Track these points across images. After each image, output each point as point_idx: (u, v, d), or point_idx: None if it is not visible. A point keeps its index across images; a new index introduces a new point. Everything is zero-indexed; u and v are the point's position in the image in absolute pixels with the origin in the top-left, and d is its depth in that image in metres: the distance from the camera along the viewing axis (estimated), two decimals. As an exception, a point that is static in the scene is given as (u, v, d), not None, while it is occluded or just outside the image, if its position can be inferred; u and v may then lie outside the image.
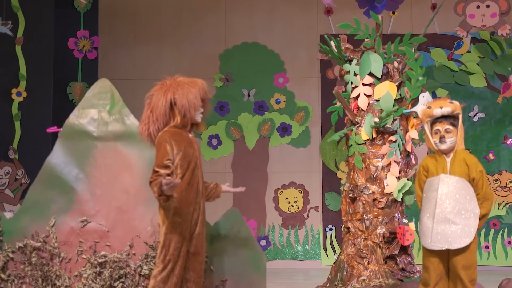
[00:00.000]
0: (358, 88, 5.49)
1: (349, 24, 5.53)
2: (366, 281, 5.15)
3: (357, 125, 5.51)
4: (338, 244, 9.02)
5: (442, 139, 4.20)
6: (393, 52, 5.47)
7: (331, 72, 9.28)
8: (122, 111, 4.81)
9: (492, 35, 8.95)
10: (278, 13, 9.47)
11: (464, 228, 4.11)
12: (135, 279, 4.63)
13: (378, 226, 5.39)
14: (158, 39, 9.42)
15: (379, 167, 5.41)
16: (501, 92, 9.04)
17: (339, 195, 9.08)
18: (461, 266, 4.14)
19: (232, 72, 9.44)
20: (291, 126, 9.29)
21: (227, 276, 4.69)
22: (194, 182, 4.07)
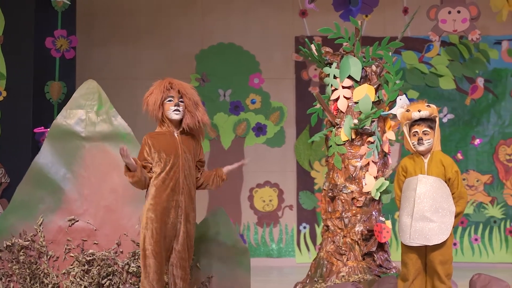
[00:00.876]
0: (338, 90, 5.66)
1: (329, 28, 5.70)
2: (346, 277, 5.33)
3: (336, 127, 5.68)
4: (312, 242, 9.22)
5: (420, 141, 4.41)
6: (371, 56, 5.65)
7: (305, 73, 9.45)
8: (109, 112, 4.91)
9: (461, 38, 9.24)
10: (254, 14, 9.59)
11: (441, 226, 4.32)
12: (123, 276, 4.73)
13: (357, 224, 5.57)
14: (135, 39, 9.46)
15: (357, 167, 5.59)
16: (469, 94, 9.33)
17: (313, 194, 9.27)
18: (438, 262, 4.35)
19: (208, 72, 9.54)
20: (266, 126, 9.43)
21: (213, 273, 4.83)
22: (170, 180, 4.19)
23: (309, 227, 9.26)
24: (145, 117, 5.88)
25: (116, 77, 9.23)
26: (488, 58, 9.33)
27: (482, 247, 9.16)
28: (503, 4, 8.41)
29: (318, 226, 9.26)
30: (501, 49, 9.35)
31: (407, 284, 4.43)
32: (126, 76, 9.22)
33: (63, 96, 7.95)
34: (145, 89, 9.57)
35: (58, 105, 7.90)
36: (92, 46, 9.22)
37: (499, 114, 9.36)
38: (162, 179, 4.17)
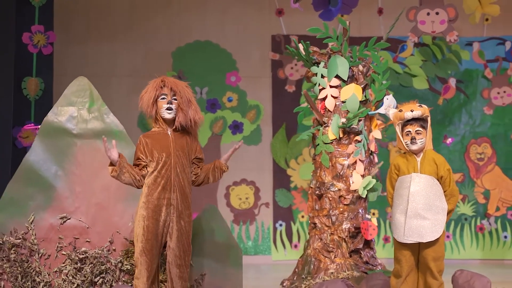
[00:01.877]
0: (326, 89, 5.74)
1: (318, 28, 5.77)
2: (335, 274, 5.42)
3: (324, 125, 5.76)
4: (288, 240, 9.29)
5: (413, 140, 4.50)
6: (358, 56, 5.74)
7: (282, 72, 9.51)
8: (101, 109, 4.88)
9: (433, 39, 9.44)
10: (231, 12, 9.61)
11: (434, 223, 4.44)
12: (116, 274, 4.72)
13: (344, 221, 5.66)
14: (112, 36, 9.38)
15: (345, 165, 5.68)
16: (441, 94, 9.52)
17: (289, 192, 9.35)
18: (431, 258, 4.46)
19: (185, 70, 9.52)
20: (243, 124, 9.47)
21: (205, 270, 4.85)
22: (162, 178, 4.21)
23: (285, 224, 9.33)
24: (121, 114, 5.87)
25: (93, 74, 8.96)
26: (460, 59, 9.54)
27: (453, 244, 9.37)
28: (476, 6, 8.62)
29: (294, 223, 9.34)
30: (472, 50, 9.58)
31: (400, 280, 4.53)
32: (103, 73, 9.13)
33: (40, 92, 7.84)
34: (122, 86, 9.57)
35: (35, 102, 7.79)
36: (70, 42, 9.11)
37: (470, 114, 9.59)
38: (154, 178, 4.19)
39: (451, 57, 9.53)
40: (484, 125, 9.55)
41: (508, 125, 9.54)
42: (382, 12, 9.49)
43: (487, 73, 9.54)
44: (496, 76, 9.55)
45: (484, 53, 9.58)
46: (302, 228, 9.34)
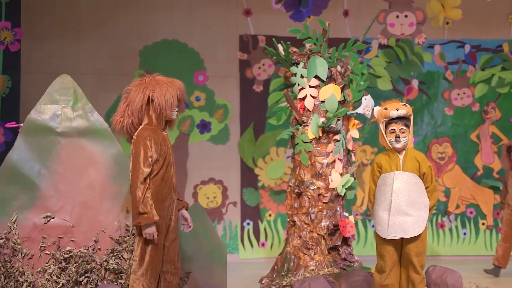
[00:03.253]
0: (305, 89, 5.83)
1: (298, 29, 5.85)
2: (315, 271, 5.51)
3: (303, 125, 5.84)
4: (255, 238, 9.36)
5: (397, 138, 4.63)
6: (337, 57, 5.85)
7: (250, 72, 9.57)
8: (85, 107, 4.84)
9: (397, 41, 9.66)
10: (199, 11, 9.61)
11: (417, 219, 4.57)
12: (101, 273, 4.68)
13: (323, 219, 5.76)
14: (79, 33, 9.26)
15: (324, 164, 5.78)
16: (404, 95, 9.76)
17: (256, 190, 9.42)
18: (414, 253, 4.60)
19: (152, 68, 9.43)
20: (211, 123, 9.49)
21: (191, 268, 4.86)
22: (167, 178, 4.24)
23: (253, 223, 9.41)
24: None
25: (60, 71, 8.84)
26: (422, 61, 9.81)
27: (416, 241, 9.60)
28: (439, 9, 8.86)
29: (262, 222, 9.42)
30: (434, 52, 9.86)
31: (384, 275, 4.65)
32: (70, 70, 8.84)
33: (7, 90, 7.71)
34: (88, 84, 9.40)
35: (2, 99, 7.65)
36: (37, 39, 8.96)
37: (432, 115, 9.86)
38: (161, 177, 4.19)
39: (413, 59, 9.78)
40: (445, 126, 9.83)
41: (467, 126, 9.86)
42: (348, 14, 9.67)
43: (448, 75, 9.84)
44: (456, 78, 9.85)
45: (445, 55, 9.87)
46: (270, 227, 9.43)
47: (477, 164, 9.78)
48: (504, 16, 9.90)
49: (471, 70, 9.83)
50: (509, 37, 9.86)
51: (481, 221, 9.70)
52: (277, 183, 9.39)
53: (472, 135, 9.84)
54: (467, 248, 9.67)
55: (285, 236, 9.26)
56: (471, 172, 9.77)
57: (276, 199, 9.41)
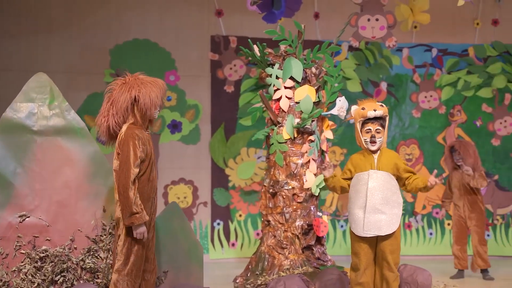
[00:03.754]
0: (280, 90, 5.88)
1: (274, 30, 5.90)
2: (290, 270, 5.56)
3: (278, 125, 5.89)
4: (225, 238, 9.39)
5: (373, 138, 4.70)
6: (311, 59, 5.92)
7: (221, 72, 9.59)
8: (62, 106, 4.81)
9: (367, 44, 9.80)
10: (170, 11, 9.59)
11: (392, 217, 4.65)
12: (77, 272, 4.66)
13: (297, 219, 5.82)
14: (47, 31, 9.13)
15: (299, 164, 5.84)
16: (373, 97, 9.89)
17: (227, 191, 9.44)
18: (388, 251, 4.68)
19: (123, 68, 9.35)
20: (182, 123, 9.47)
21: (168, 267, 4.86)
22: (152, 178, 4.26)
23: (223, 223, 9.43)
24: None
25: (26, 69, 8.85)
26: (391, 64, 9.96)
27: (384, 241, 9.74)
28: (408, 14, 9.03)
29: (232, 222, 9.45)
30: (402, 55, 10.03)
31: (359, 273, 4.72)
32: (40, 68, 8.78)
33: (-31, 87, 7.57)
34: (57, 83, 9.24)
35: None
36: (6, 36, 8.82)
37: (400, 117, 10.02)
38: (147, 177, 4.22)
39: (382, 61, 9.93)
40: (412, 128, 10.00)
41: (434, 128, 10.04)
42: (319, 17, 9.78)
43: (416, 78, 10.01)
44: (424, 81, 10.03)
45: (413, 58, 10.05)
46: (240, 227, 9.46)
47: (443, 165, 9.95)
48: (469, 21, 10.12)
49: (438, 74, 10.02)
50: (474, 41, 10.08)
51: (447, 221, 9.89)
52: (248, 183, 9.44)
53: (438, 137, 10.03)
54: (433, 248, 9.86)
55: (255, 236, 9.32)
56: (438, 173, 9.91)
57: (247, 199, 9.45)
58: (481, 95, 9.98)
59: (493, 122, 9.99)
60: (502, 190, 9.95)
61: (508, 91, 9.95)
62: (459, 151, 7.51)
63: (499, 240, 9.84)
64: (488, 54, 9.99)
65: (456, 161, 7.58)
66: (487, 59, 10.00)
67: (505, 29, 10.05)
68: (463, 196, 7.54)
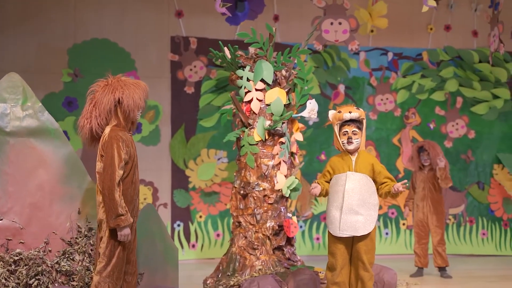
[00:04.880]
0: (251, 93, 5.92)
1: (246, 33, 5.94)
2: (263, 270, 5.61)
3: (249, 127, 5.93)
4: (186, 239, 9.37)
5: (349, 139, 4.81)
6: (282, 62, 5.98)
7: (181, 73, 9.56)
8: (35, 107, 4.73)
9: (324, 47, 9.94)
10: (130, 11, 9.50)
11: (367, 218, 4.76)
12: (52, 275, 4.59)
13: (268, 220, 5.87)
14: (1, 30, 8.91)
15: (269, 166, 5.89)
16: (331, 99, 10.05)
17: (187, 192, 9.42)
18: (363, 251, 4.79)
19: (81, 68, 9.27)
20: (141, 124, 9.39)
21: (144, 269, 4.84)
22: (135, 180, 4.25)
23: (183, 224, 9.40)
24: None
25: None
26: (348, 67, 10.14)
27: (341, 241, 9.90)
28: (367, 18, 9.23)
29: (192, 224, 9.44)
30: (359, 59, 10.22)
31: (335, 273, 4.80)
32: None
33: None
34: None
35: None
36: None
37: (357, 119, 10.18)
38: (130, 179, 4.20)
39: (340, 64, 10.10)
40: (369, 129, 10.19)
41: (390, 130, 10.27)
42: (278, 19, 9.87)
43: (372, 81, 10.22)
44: (380, 84, 10.25)
45: (370, 62, 10.26)
46: (200, 228, 9.46)
47: (398, 167, 10.21)
48: (424, 26, 10.40)
49: (393, 77, 10.26)
50: (428, 46, 10.37)
51: (402, 221, 10.14)
52: (208, 184, 9.44)
53: (394, 139, 10.27)
54: (389, 247, 10.08)
55: (215, 237, 9.33)
56: (393, 174, 10.12)
57: (207, 200, 9.46)
58: (435, 98, 10.28)
59: (446, 124, 10.30)
60: (454, 190, 10.26)
61: (460, 95, 10.28)
62: (428, 151, 7.72)
63: (451, 239, 10.14)
64: (441, 59, 10.30)
65: (423, 161, 7.78)
66: (440, 63, 10.30)
67: (457, 35, 10.38)
68: (427, 196, 7.74)
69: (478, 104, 10.31)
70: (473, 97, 10.29)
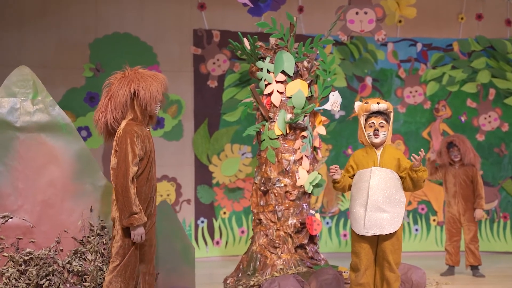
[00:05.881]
0: (272, 85, 5.70)
1: (266, 23, 5.72)
2: (284, 270, 5.39)
3: (270, 121, 5.71)
4: (210, 236, 9.20)
5: (376, 131, 4.55)
6: (303, 52, 5.75)
7: (204, 67, 9.39)
8: (46, 101, 4.58)
9: (351, 39, 9.66)
10: (151, 4, 9.35)
11: (393, 215, 4.50)
12: (64, 276, 4.44)
13: (289, 217, 5.65)
14: (21, 23, 8.81)
15: (291, 161, 5.67)
16: (358, 92, 9.78)
17: (211, 188, 9.25)
18: (389, 251, 4.53)
19: (103, 62, 9.16)
20: (164, 119, 9.25)
21: (159, 269, 4.67)
22: (151, 177, 4.12)
23: (207, 221, 9.24)
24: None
25: (1, 64, 8.56)
26: (376, 59, 9.85)
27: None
28: (395, 7, 8.92)
29: (216, 220, 9.27)
30: (387, 50, 9.92)
31: (359, 273, 4.56)
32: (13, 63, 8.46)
33: None
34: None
35: None
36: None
37: (385, 112, 9.89)
38: (146, 176, 4.06)
39: (367, 56, 9.81)
40: (397, 123, 9.90)
41: (419, 123, 9.97)
42: (303, 10, 9.62)
43: (401, 72, 9.92)
44: (409, 75, 9.95)
45: (398, 53, 9.95)
46: (224, 225, 9.28)
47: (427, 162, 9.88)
48: (454, 15, 10.06)
49: (422, 68, 9.94)
50: (458, 36, 10.02)
51: (432, 217, 9.84)
52: (232, 180, 9.26)
53: (423, 132, 9.96)
54: (419, 244, 9.79)
55: (240, 234, 9.14)
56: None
57: (231, 196, 9.28)
58: (466, 90, 9.94)
59: (478, 117, 9.96)
60: (487, 185, 9.89)
61: (492, 86, 9.92)
62: (459, 147, 7.42)
63: (484, 236, 9.81)
64: (473, 49, 9.95)
65: (453, 157, 7.49)
66: (471, 54, 9.95)
67: (489, 24, 10.02)
68: (458, 193, 7.45)
69: (512, 96, 9.94)
70: (506, 88, 9.91)
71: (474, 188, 7.37)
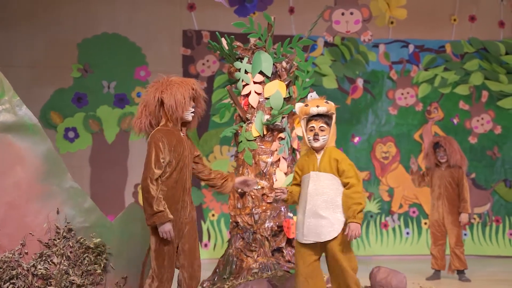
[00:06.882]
0: (249, 85, 5.61)
1: (243, 22, 5.63)
2: (259, 274, 5.29)
3: (247, 122, 5.62)
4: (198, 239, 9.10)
5: (316, 136, 4.34)
6: (282, 53, 5.66)
7: (193, 68, 9.32)
8: (13, 101, 4.49)
9: (342, 40, 9.56)
10: (141, 5, 9.30)
11: (333, 221, 4.24)
12: (28, 279, 4.35)
13: (267, 220, 5.55)
14: (9, 23, 8.79)
15: (268, 163, 5.57)
16: (349, 93, 9.69)
17: (199, 190, 9.17)
18: (338, 250, 4.23)
19: (91, 63, 9.11)
20: (152, 120, 9.17)
21: (127, 273, 4.58)
22: (181, 181, 4.13)
23: (195, 223, 9.14)
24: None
25: None
26: (367, 60, 9.75)
27: (359, 241, 9.55)
28: (385, 8, 8.81)
29: (205, 222, 9.19)
30: (379, 52, 9.82)
31: (298, 282, 4.32)
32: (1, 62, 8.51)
33: None
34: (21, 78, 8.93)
35: None
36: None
37: (376, 114, 9.82)
38: (175, 180, 4.10)
39: (359, 58, 9.71)
40: (389, 125, 9.81)
41: (411, 125, 9.87)
42: (294, 11, 9.53)
43: (392, 74, 9.82)
44: (400, 77, 9.85)
45: (390, 54, 9.85)
46: (213, 227, 9.20)
47: (420, 163, 9.78)
48: (447, 17, 9.97)
49: (414, 70, 9.85)
50: (451, 37, 9.92)
51: (424, 221, 9.72)
52: (220, 182, 9.15)
53: (415, 134, 9.86)
54: (410, 247, 9.69)
55: (228, 236, 9.05)
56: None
57: (220, 198, 9.19)
58: (458, 92, 9.85)
59: (470, 119, 9.86)
60: (479, 188, 9.81)
61: (485, 88, 9.82)
62: (445, 148, 7.31)
63: (476, 239, 9.70)
64: (465, 51, 9.85)
65: (439, 158, 7.37)
66: (464, 56, 9.85)
67: (482, 25, 9.92)
68: (442, 195, 7.33)
69: (505, 98, 9.83)
70: (499, 90, 9.81)
71: (459, 191, 7.24)
